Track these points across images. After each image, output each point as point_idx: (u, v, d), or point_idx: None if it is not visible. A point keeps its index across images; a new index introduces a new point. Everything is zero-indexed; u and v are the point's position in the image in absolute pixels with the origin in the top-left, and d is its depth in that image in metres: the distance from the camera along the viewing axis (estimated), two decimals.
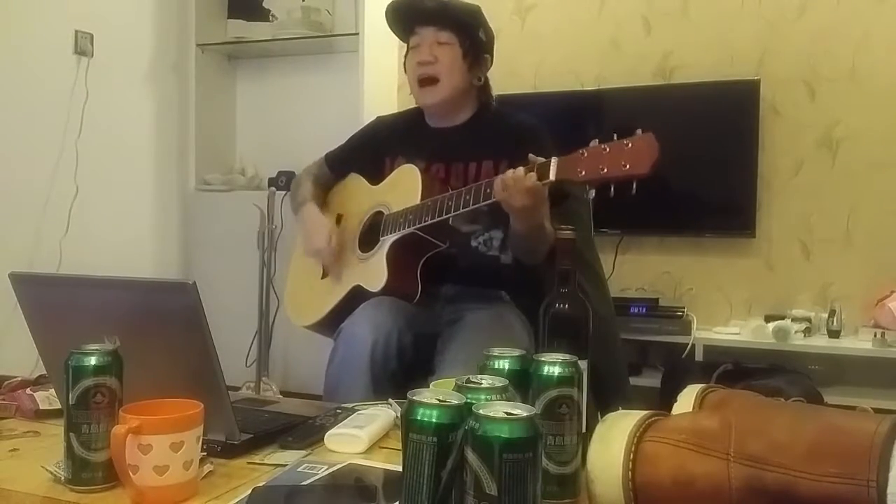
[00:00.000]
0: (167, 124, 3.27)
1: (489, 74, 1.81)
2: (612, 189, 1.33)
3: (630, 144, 1.30)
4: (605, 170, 1.31)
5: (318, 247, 1.76)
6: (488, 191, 1.48)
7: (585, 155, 1.35)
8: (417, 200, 1.62)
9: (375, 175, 1.80)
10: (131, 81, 3.11)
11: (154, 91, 3.21)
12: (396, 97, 3.17)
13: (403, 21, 1.77)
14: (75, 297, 1.08)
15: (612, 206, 1.34)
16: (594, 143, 1.35)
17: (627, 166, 1.29)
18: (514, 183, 1.42)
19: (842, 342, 2.68)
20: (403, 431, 0.72)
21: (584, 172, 1.34)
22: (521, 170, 1.42)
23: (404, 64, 1.80)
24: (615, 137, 1.32)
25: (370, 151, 1.85)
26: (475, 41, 1.73)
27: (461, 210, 1.54)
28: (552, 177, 1.39)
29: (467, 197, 1.53)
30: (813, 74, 2.85)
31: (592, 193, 1.37)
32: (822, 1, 2.84)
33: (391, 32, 1.85)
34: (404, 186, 1.68)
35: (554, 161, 1.39)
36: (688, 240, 3.00)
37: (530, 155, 1.44)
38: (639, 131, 1.30)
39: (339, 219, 1.86)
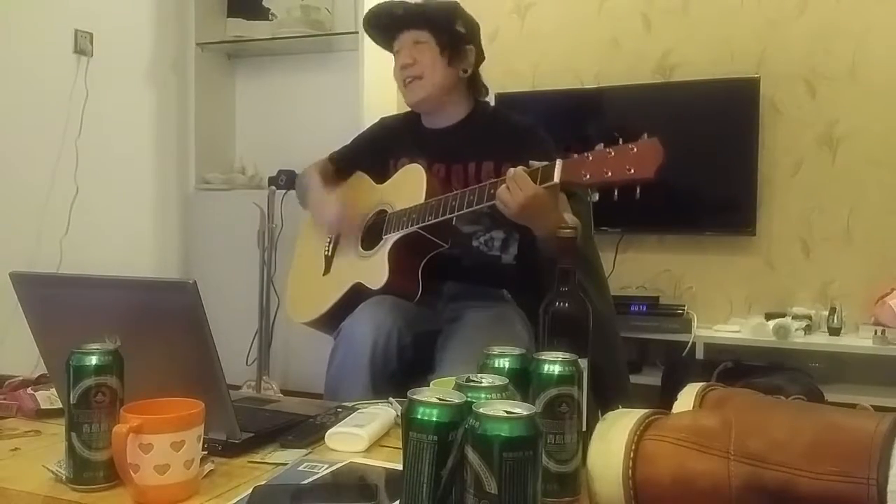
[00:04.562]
0: (167, 123, 3.27)
1: (483, 68, 1.80)
2: (616, 193, 1.32)
3: (635, 149, 1.29)
4: (610, 174, 1.30)
5: (331, 217, 1.76)
6: (492, 191, 1.47)
7: (590, 158, 1.34)
8: (422, 200, 1.62)
9: (380, 175, 1.81)
10: (131, 80, 3.11)
11: (154, 90, 3.21)
12: (396, 96, 3.11)
13: (382, 32, 1.80)
14: (76, 297, 1.08)
15: (612, 204, 1.33)
16: (600, 146, 1.34)
17: (632, 171, 1.28)
18: (518, 185, 1.40)
19: (842, 340, 2.68)
20: (404, 430, 0.72)
21: (588, 176, 1.33)
22: (524, 172, 1.40)
23: (395, 72, 1.80)
24: (620, 141, 1.31)
25: (374, 153, 1.86)
26: (453, 34, 1.73)
27: (465, 210, 1.53)
28: (556, 179, 1.38)
29: (471, 197, 1.52)
30: (813, 72, 2.85)
31: (595, 197, 1.36)
32: None
33: None
34: (409, 186, 1.68)
35: (559, 164, 1.38)
36: (688, 238, 2.99)
37: (531, 162, 1.43)
38: (644, 136, 1.29)
39: None
